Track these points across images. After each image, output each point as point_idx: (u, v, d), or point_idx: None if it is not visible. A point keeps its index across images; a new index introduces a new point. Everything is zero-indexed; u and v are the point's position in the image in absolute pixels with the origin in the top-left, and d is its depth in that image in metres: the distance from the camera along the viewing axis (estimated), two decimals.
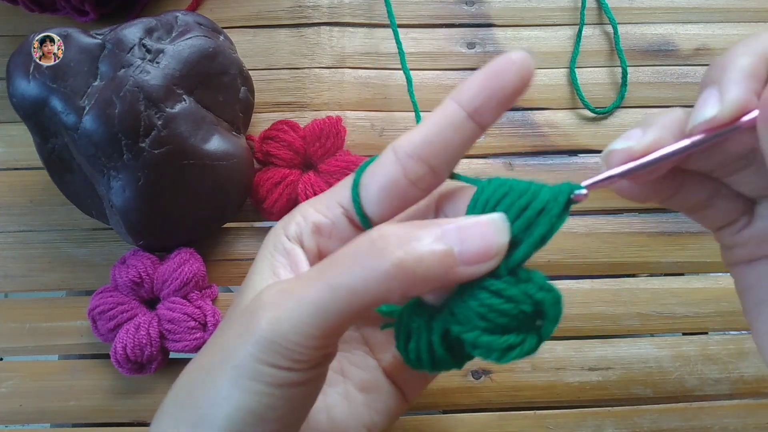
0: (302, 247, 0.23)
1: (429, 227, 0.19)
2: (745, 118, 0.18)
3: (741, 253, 0.22)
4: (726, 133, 0.18)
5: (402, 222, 0.19)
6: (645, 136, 0.19)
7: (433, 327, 0.21)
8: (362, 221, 0.22)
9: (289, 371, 0.19)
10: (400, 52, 0.29)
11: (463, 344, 0.20)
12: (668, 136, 0.19)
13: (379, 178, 0.21)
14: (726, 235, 0.22)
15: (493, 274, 0.19)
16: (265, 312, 0.19)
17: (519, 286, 0.19)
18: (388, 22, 0.43)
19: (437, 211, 0.24)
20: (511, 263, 0.19)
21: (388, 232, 0.18)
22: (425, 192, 0.22)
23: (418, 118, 0.39)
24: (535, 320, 0.20)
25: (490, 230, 0.19)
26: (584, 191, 0.19)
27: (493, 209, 0.20)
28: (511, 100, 0.20)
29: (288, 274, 0.22)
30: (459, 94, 0.21)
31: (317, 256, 0.23)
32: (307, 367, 0.19)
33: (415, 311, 0.22)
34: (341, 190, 0.23)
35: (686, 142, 0.19)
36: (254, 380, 0.18)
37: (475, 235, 0.19)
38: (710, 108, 0.18)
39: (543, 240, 0.19)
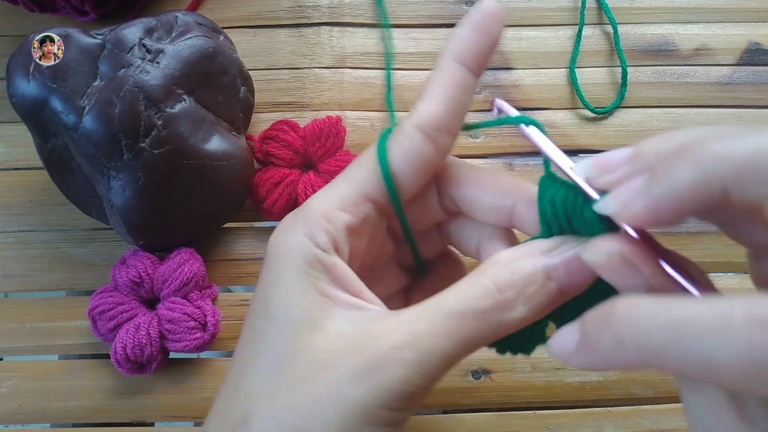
0: (339, 254, 0.21)
1: (537, 264, 0.20)
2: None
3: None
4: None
5: (505, 259, 0.20)
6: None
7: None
8: (396, 206, 0.22)
9: (412, 409, 0.20)
10: (387, 54, 0.29)
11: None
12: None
13: (413, 160, 0.21)
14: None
15: None
16: (399, 367, 0.19)
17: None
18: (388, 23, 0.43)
19: (439, 192, 0.24)
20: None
21: (506, 285, 0.19)
22: (445, 156, 0.22)
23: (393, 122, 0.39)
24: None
25: (588, 269, 0.19)
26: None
27: (565, 224, 0.20)
28: (496, 44, 0.21)
29: (338, 292, 0.20)
30: (461, 55, 0.21)
31: (352, 258, 0.22)
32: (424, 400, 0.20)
33: None
34: (362, 181, 0.22)
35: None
36: (384, 425, 0.19)
37: (580, 270, 0.20)
38: (615, 200, 0.18)
39: None
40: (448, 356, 0.19)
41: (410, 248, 0.25)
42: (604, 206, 0.18)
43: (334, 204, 0.21)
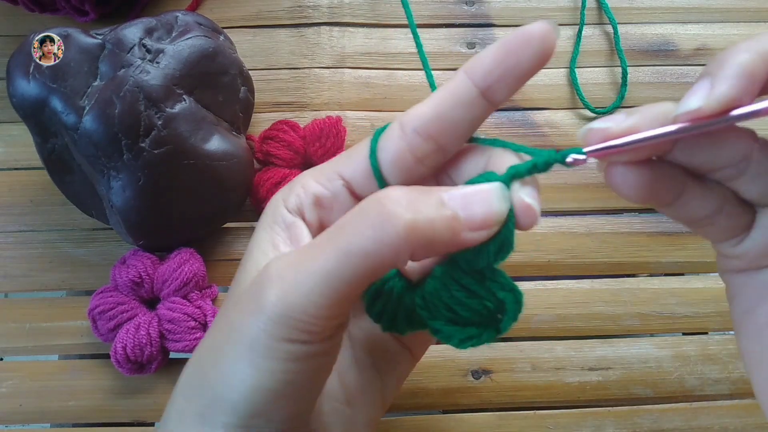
0: (303, 219, 0.22)
1: (434, 192, 0.19)
2: (736, 112, 0.18)
3: (737, 264, 0.22)
4: (712, 125, 0.18)
5: (405, 187, 0.19)
6: (626, 120, 0.19)
7: (402, 301, 0.22)
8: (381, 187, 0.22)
9: (305, 344, 0.18)
10: (421, 54, 0.28)
11: (424, 320, 0.21)
12: (651, 123, 0.19)
13: (386, 152, 0.21)
14: (725, 246, 0.22)
15: (463, 269, 0.20)
16: (273, 286, 0.18)
17: (485, 284, 0.20)
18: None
19: (440, 172, 0.23)
20: (482, 261, 0.20)
21: (397, 195, 0.18)
22: (432, 169, 0.21)
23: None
24: (496, 315, 0.21)
25: (491, 197, 0.19)
26: (583, 156, 0.19)
27: (496, 179, 0.20)
28: (528, 77, 0.19)
29: (289, 248, 0.21)
30: (472, 70, 0.20)
31: (318, 229, 0.22)
32: (322, 338, 0.19)
33: (391, 277, 0.22)
34: (343, 161, 0.22)
35: (671, 127, 0.18)
36: (269, 358, 0.18)
37: (478, 202, 0.19)
38: (696, 99, 0.18)
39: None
40: (326, 270, 0.18)
41: None
42: (685, 105, 0.18)
43: (314, 176, 0.23)
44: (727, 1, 0.44)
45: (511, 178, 0.20)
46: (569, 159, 0.19)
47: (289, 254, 0.19)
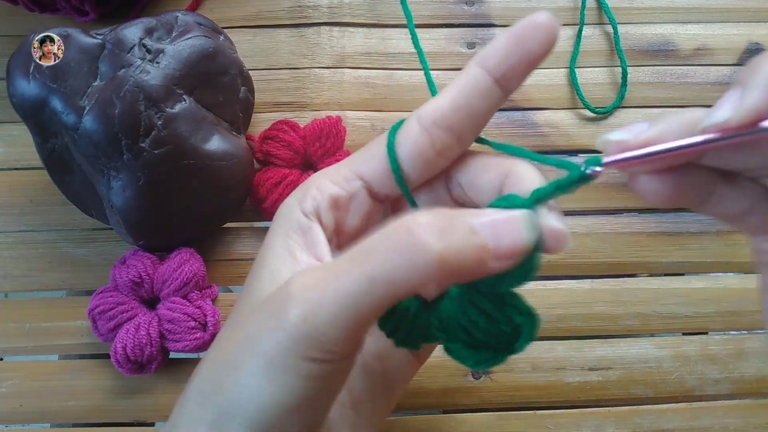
0: (320, 222, 0.22)
1: (463, 218, 0.18)
2: (765, 123, 0.17)
3: None
4: (742, 136, 0.17)
5: (433, 211, 0.19)
6: (648, 131, 0.19)
7: (417, 320, 0.21)
8: (402, 187, 0.22)
9: (324, 363, 0.18)
10: (420, 54, 0.29)
11: (438, 338, 0.21)
12: (676, 134, 0.18)
13: (406, 147, 0.21)
14: (760, 240, 0.21)
15: (482, 292, 0.20)
16: (297, 306, 0.18)
17: (504, 309, 0.20)
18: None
19: (447, 175, 0.23)
20: (505, 286, 0.19)
21: (427, 223, 0.18)
22: (450, 160, 0.22)
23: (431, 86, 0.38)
24: (511, 338, 0.20)
25: (521, 227, 0.18)
26: (600, 169, 0.19)
27: (521, 203, 0.19)
28: (537, 63, 0.20)
29: (305, 255, 0.21)
30: (485, 60, 0.20)
31: (335, 232, 0.22)
32: (341, 357, 0.19)
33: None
34: (359, 160, 0.22)
35: (697, 138, 0.18)
36: (289, 374, 0.18)
37: (508, 232, 0.18)
38: (725, 110, 0.17)
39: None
40: (351, 294, 0.17)
41: None
42: (713, 117, 0.18)
43: (329, 177, 0.22)
44: (727, 1, 0.44)
45: (536, 201, 0.19)
46: (589, 172, 0.19)
47: (312, 271, 0.19)
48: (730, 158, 0.19)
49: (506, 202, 0.19)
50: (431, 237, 0.17)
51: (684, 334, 0.36)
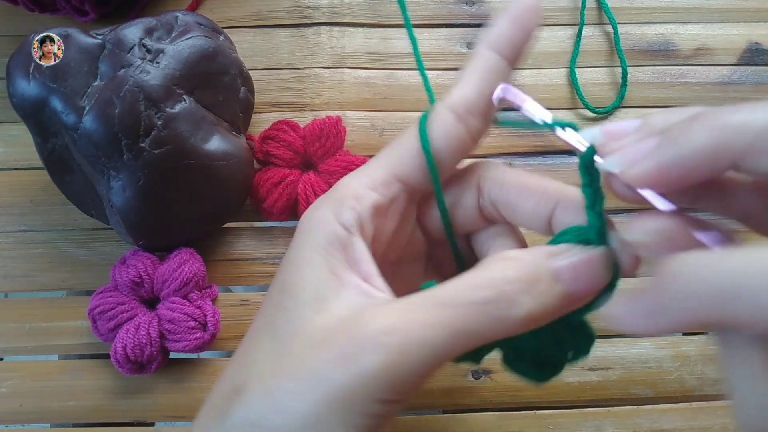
0: (361, 234, 0.21)
1: (546, 264, 0.19)
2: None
3: None
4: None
5: (516, 259, 0.19)
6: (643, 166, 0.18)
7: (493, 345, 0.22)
8: (436, 183, 0.22)
9: (395, 403, 0.18)
10: (412, 38, 0.29)
11: (506, 357, 0.22)
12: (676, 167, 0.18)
13: (443, 140, 0.21)
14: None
15: (557, 320, 0.20)
16: (378, 351, 0.18)
17: (574, 334, 0.21)
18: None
19: (482, 197, 0.23)
20: (580, 316, 0.20)
21: (514, 278, 0.18)
22: (477, 141, 0.23)
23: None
24: (572, 358, 0.21)
25: (599, 270, 0.19)
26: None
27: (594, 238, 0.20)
28: (532, 36, 0.22)
29: (350, 274, 0.20)
30: (496, 44, 0.22)
31: (374, 241, 0.22)
32: (412, 396, 0.19)
33: None
34: (395, 160, 0.22)
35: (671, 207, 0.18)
36: (358, 415, 0.18)
37: (588, 277, 0.19)
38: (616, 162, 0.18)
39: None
40: (437, 347, 0.18)
41: (447, 236, 0.24)
42: (610, 164, 0.18)
43: (365, 183, 0.22)
44: (727, 1, 0.44)
45: (603, 230, 0.19)
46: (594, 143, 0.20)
47: (388, 311, 0.19)
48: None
49: (572, 236, 0.20)
50: (521, 297, 0.18)
51: (684, 334, 0.36)
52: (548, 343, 0.20)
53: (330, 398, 0.18)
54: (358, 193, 0.21)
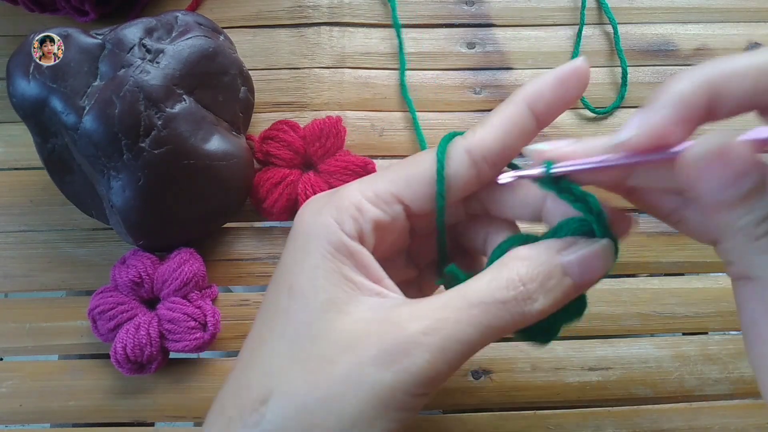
0: (362, 243, 0.22)
1: (555, 259, 0.21)
2: (678, 148, 0.18)
3: (732, 270, 0.21)
4: (652, 159, 0.19)
5: (527, 256, 0.21)
6: (565, 147, 0.21)
7: None
8: (439, 216, 0.23)
9: (428, 395, 0.20)
10: (401, 53, 0.29)
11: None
12: (590, 153, 0.21)
13: (453, 179, 0.22)
14: (717, 249, 0.21)
15: None
16: (424, 351, 0.19)
17: (575, 301, 0.22)
18: (388, 22, 0.43)
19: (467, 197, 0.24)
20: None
21: (530, 277, 0.20)
22: (482, 184, 0.23)
23: (415, 119, 0.39)
24: (567, 320, 0.23)
25: (605, 260, 0.21)
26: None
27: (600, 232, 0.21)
28: (571, 105, 0.23)
29: (362, 278, 0.21)
30: (534, 102, 0.22)
31: (374, 250, 0.22)
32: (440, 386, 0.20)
33: None
34: (400, 183, 0.22)
35: (604, 157, 0.20)
36: (401, 410, 0.19)
37: (594, 268, 0.21)
38: (627, 130, 0.19)
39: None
40: (470, 343, 0.20)
41: (439, 251, 0.25)
42: (618, 137, 0.20)
43: (367, 196, 0.22)
44: (727, 1, 0.44)
45: (603, 221, 0.21)
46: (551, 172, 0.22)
47: (422, 310, 0.20)
48: (652, 178, 0.21)
49: (579, 227, 0.21)
50: (538, 294, 0.20)
51: (684, 334, 0.36)
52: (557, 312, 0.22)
53: (374, 396, 0.19)
54: (360, 206, 0.22)
